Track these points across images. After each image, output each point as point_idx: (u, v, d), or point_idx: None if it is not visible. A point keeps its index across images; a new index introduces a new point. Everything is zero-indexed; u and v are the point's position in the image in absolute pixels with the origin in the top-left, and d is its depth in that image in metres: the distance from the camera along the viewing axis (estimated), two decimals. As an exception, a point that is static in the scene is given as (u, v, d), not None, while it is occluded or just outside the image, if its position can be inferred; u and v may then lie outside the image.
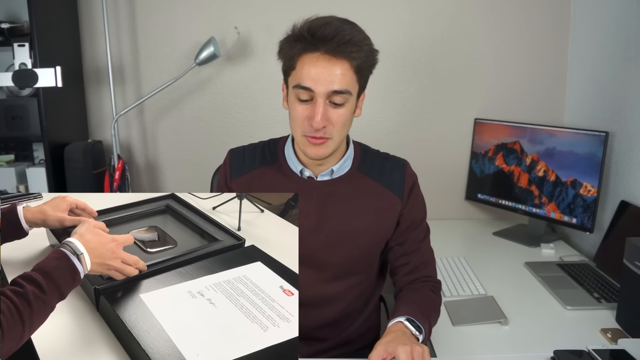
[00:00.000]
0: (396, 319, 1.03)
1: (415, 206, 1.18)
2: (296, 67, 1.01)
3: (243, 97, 2.15)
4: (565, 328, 1.28)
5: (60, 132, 1.96)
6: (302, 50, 0.99)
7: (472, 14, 2.08)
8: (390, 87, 2.13)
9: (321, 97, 0.99)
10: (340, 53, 0.98)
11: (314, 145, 1.04)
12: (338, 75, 0.98)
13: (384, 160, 1.19)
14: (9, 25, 1.88)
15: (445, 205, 2.20)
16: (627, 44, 1.67)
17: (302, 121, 1.03)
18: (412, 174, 1.20)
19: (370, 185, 1.15)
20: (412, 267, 1.17)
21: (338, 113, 1.02)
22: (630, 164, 1.63)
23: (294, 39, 1.01)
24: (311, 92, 0.99)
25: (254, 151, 1.20)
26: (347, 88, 1.00)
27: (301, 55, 1.00)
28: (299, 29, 1.00)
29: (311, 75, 0.98)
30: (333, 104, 1.01)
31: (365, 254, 1.17)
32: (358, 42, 0.99)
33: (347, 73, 0.99)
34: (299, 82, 1.00)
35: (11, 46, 1.59)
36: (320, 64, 0.98)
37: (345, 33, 0.98)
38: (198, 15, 2.09)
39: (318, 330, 1.16)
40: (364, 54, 1.01)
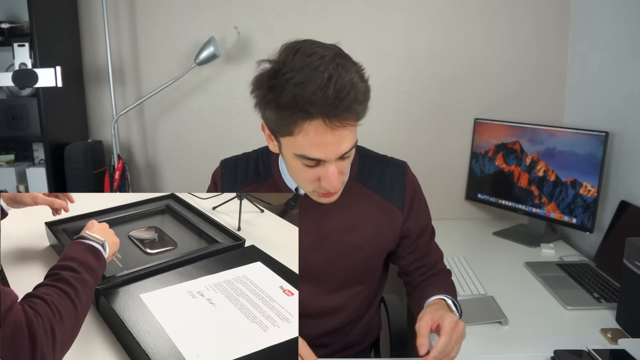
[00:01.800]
0: (437, 295, 1.06)
1: (420, 214, 1.17)
2: (294, 134, 0.88)
3: (243, 97, 2.15)
4: (565, 328, 1.28)
5: (60, 132, 1.96)
6: (300, 121, 0.86)
7: (472, 14, 2.07)
8: (390, 87, 2.13)
9: (332, 163, 0.91)
10: (346, 118, 0.86)
11: (327, 197, 1.00)
12: (347, 137, 0.89)
13: (383, 167, 1.14)
14: (9, 25, 1.88)
15: (445, 205, 2.20)
16: (627, 44, 1.67)
17: (312, 182, 0.96)
18: (413, 179, 1.16)
19: (369, 197, 1.11)
20: (426, 269, 1.19)
21: (347, 161, 0.96)
22: (630, 164, 1.63)
23: (284, 107, 0.85)
24: (320, 159, 0.91)
25: (247, 164, 1.14)
26: (355, 140, 0.93)
27: (298, 125, 0.86)
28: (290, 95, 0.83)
29: (318, 146, 0.88)
30: (342, 157, 0.93)
31: (366, 266, 1.16)
32: (360, 96, 0.87)
33: (353, 129, 0.90)
34: (303, 153, 0.89)
35: (11, 46, 1.60)
36: (327, 135, 0.86)
37: (347, 90, 0.83)
38: (198, 15, 2.09)
39: (320, 338, 1.16)
40: (365, 100, 0.90)
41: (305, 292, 1.10)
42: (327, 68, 0.83)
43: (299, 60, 0.84)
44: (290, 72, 0.84)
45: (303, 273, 1.09)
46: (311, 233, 1.09)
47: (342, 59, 0.87)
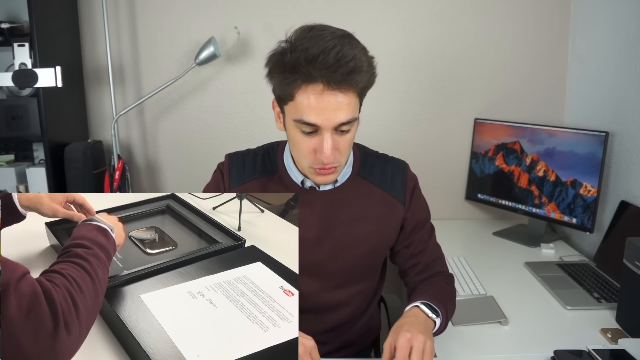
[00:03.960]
0: (413, 303, 1.03)
1: (417, 209, 1.17)
2: (295, 99, 0.93)
3: (243, 97, 2.15)
4: (565, 328, 1.28)
5: (60, 132, 1.96)
6: (301, 82, 0.90)
7: (472, 14, 2.07)
8: (390, 87, 2.13)
9: (328, 131, 0.94)
10: (344, 83, 0.90)
11: (323, 175, 1.01)
12: (344, 107, 0.92)
13: (384, 163, 1.17)
14: (9, 25, 1.88)
15: (445, 205, 2.20)
16: (627, 44, 1.67)
17: (309, 154, 0.98)
18: (413, 176, 1.18)
19: (372, 191, 1.13)
20: (422, 267, 1.17)
21: (345, 139, 0.98)
22: (630, 164, 1.63)
23: (289, 69, 0.91)
24: (316, 126, 0.94)
25: (254, 159, 1.15)
26: (354, 116, 0.95)
27: (300, 87, 0.91)
28: (293, 57, 0.89)
29: (315, 110, 0.91)
30: (340, 131, 0.96)
31: (369, 261, 1.16)
32: (361, 67, 0.91)
33: (352, 101, 0.93)
34: (301, 117, 0.93)
35: (11, 46, 1.60)
36: (325, 98, 0.90)
37: (348, 59, 0.89)
38: (198, 15, 2.09)
39: (320, 335, 1.16)
40: (367, 76, 0.94)
41: (309, 287, 1.10)
42: (334, 40, 0.89)
43: (311, 34, 0.91)
44: (300, 41, 0.90)
45: (307, 268, 1.09)
46: (315, 227, 1.10)
47: (351, 39, 0.93)
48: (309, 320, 1.09)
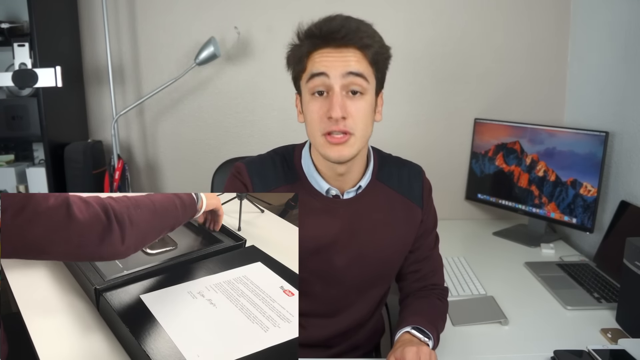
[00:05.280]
0: (403, 329, 1.03)
1: (430, 215, 1.17)
2: (307, 66, 0.97)
3: (243, 97, 2.15)
4: (565, 328, 1.28)
5: (60, 132, 1.96)
6: (311, 47, 0.96)
7: (472, 14, 2.07)
8: (391, 87, 2.12)
9: (337, 84, 0.94)
10: (350, 41, 0.94)
11: (336, 146, 0.96)
12: (352, 61, 0.94)
13: (400, 167, 1.15)
14: (9, 25, 1.88)
15: (445, 205, 2.19)
16: (627, 44, 1.67)
17: (320, 119, 0.96)
18: (428, 182, 1.17)
19: (392, 196, 1.11)
20: (421, 275, 1.16)
21: (357, 106, 0.96)
22: (630, 164, 1.63)
23: (299, 40, 0.98)
24: (326, 77, 0.94)
25: (274, 166, 1.10)
26: (364, 72, 0.95)
27: (311, 53, 0.96)
28: (305, 30, 0.97)
29: (324, 63, 0.94)
30: (351, 93, 0.95)
31: (388, 266, 1.15)
32: (367, 31, 0.96)
33: (361, 61, 0.95)
34: (312, 71, 0.95)
35: (11, 46, 1.60)
36: (333, 55, 0.94)
37: (352, 24, 0.95)
38: (198, 15, 2.09)
39: (328, 340, 1.15)
40: (376, 43, 0.96)
41: (328, 293, 1.09)
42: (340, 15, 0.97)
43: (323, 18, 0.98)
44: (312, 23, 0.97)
45: (326, 275, 1.08)
46: (338, 235, 1.07)
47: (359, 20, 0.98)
48: (321, 324, 1.09)
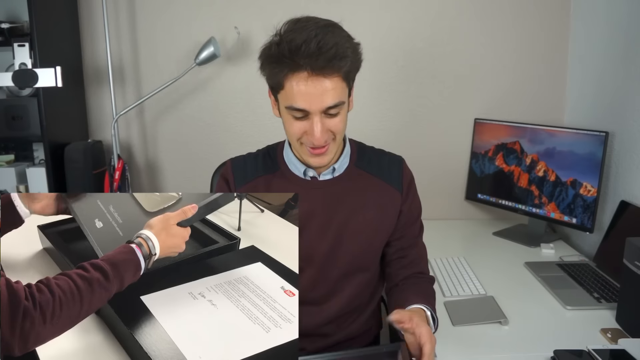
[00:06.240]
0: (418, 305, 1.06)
1: (413, 202, 1.21)
2: (285, 87, 0.99)
3: (243, 97, 2.15)
4: (565, 328, 1.28)
5: (60, 132, 1.96)
6: (288, 71, 0.97)
7: (472, 14, 2.07)
8: (390, 87, 2.13)
9: (317, 115, 0.99)
10: (328, 69, 0.95)
11: (317, 156, 1.06)
12: (329, 91, 0.97)
13: (380, 155, 1.21)
14: (9, 25, 1.88)
15: (445, 205, 2.20)
16: (627, 44, 1.67)
17: (300, 136, 1.03)
18: (409, 171, 1.22)
19: (371, 181, 1.16)
20: (408, 262, 1.20)
21: (335, 122, 1.02)
22: (630, 164, 1.64)
23: (275, 60, 0.98)
24: (305, 111, 0.99)
25: (255, 160, 1.19)
26: (340, 100, 1.00)
27: (287, 76, 0.98)
28: (279, 49, 0.96)
29: (302, 96, 0.97)
30: (329, 114, 1.01)
31: (370, 250, 1.18)
32: (343, 53, 0.96)
33: (337, 85, 0.98)
34: (291, 104, 0.99)
35: (11, 46, 1.59)
36: (310, 84, 0.96)
37: (329, 46, 0.94)
38: (198, 15, 2.08)
39: (322, 327, 1.17)
40: (350, 61, 0.98)
41: (311, 277, 1.12)
42: (316, 29, 0.96)
43: (296, 26, 0.98)
44: (287, 33, 0.97)
45: (309, 258, 1.11)
46: (316, 217, 1.12)
47: (334, 27, 0.99)
48: (310, 312, 1.10)
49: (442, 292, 1.46)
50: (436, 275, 1.58)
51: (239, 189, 1.17)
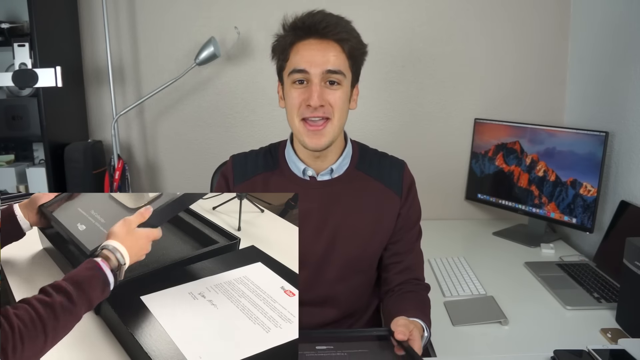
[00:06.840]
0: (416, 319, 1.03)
1: (412, 207, 1.19)
2: (290, 56, 1.05)
3: (243, 97, 2.15)
4: (565, 328, 1.28)
5: (60, 132, 1.96)
6: (294, 39, 1.04)
7: (472, 14, 2.07)
8: (390, 87, 2.13)
9: (316, 78, 1.02)
10: (331, 36, 1.02)
11: (314, 133, 1.05)
12: (331, 56, 1.03)
13: (382, 158, 1.20)
14: (9, 25, 1.88)
15: (445, 205, 2.20)
16: (627, 44, 1.67)
17: (299, 105, 1.04)
18: (410, 175, 1.20)
19: (370, 183, 1.16)
20: (404, 267, 1.18)
21: (335, 95, 1.04)
22: (630, 164, 1.64)
23: (283, 36, 1.06)
24: (306, 73, 1.02)
25: (256, 157, 1.19)
26: (341, 69, 1.03)
27: (293, 44, 1.04)
28: (290, 22, 1.06)
29: (305, 58, 1.02)
30: (329, 83, 1.04)
31: (368, 253, 1.17)
32: (345, 27, 1.04)
33: (339, 55, 1.03)
34: (294, 66, 1.03)
35: (11, 46, 1.59)
36: (314, 47, 1.03)
37: (332, 19, 1.03)
38: (198, 15, 2.08)
39: (321, 329, 1.16)
40: (354, 39, 1.05)
41: (308, 278, 1.11)
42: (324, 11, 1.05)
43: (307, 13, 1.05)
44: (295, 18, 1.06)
45: (306, 258, 1.10)
46: (314, 217, 1.12)
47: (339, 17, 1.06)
48: (309, 313, 1.09)
49: (442, 292, 1.46)
50: (436, 275, 1.58)
51: (237, 186, 1.17)
